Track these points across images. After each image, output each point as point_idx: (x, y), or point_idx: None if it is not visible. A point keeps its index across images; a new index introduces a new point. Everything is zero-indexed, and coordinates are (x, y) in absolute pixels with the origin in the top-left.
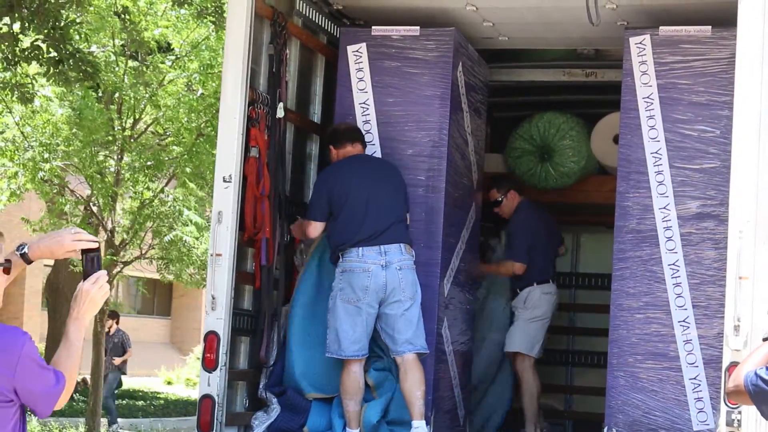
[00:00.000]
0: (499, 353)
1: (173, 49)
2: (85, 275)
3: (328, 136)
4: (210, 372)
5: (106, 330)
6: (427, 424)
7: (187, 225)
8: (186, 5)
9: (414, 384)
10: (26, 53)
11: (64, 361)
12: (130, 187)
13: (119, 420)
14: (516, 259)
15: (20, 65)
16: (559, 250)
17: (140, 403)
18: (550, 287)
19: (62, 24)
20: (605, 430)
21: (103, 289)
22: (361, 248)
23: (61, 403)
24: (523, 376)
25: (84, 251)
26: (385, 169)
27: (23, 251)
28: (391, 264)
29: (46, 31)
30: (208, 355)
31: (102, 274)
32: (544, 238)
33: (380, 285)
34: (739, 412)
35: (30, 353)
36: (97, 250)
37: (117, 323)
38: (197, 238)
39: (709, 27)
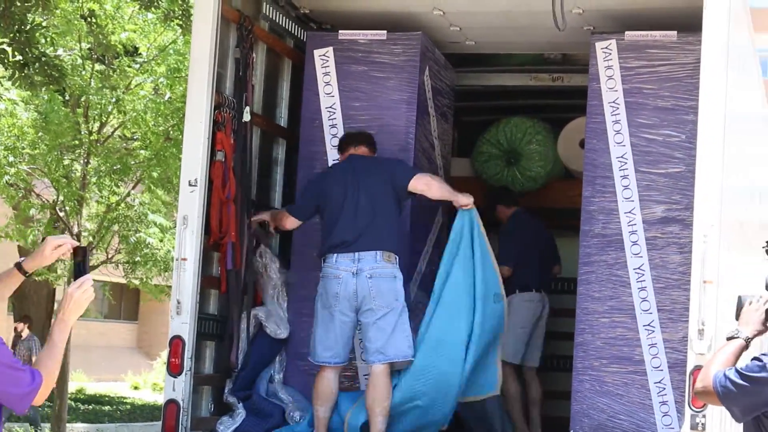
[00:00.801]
0: None
1: (140, 52)
2: (75, 277)
3: (337, 145)
4: (175, 377)
5: (18, 332)
6: None
7: (150, 227)
8: (153, 9)
9: (375, 400)
10: None
11: (45, 360)
12: (96, 192)
13: (85, 425)
14: (502, 263)
15: None
16: (554, 270)
17: (106, 408)
18: (532, 296)
19: (28, 27)
20: None
21: (87, 292)
22: (336, 255)
23: (39, 399)
24: (505, 385)
25: (73, 254)
26: (371, 170)
27: (19, 262)
28: (362, 272)
29: (11, 34)
30: (173, 359)
31: (87, 279)
32: (531, 249)
33: (351, 293)
34: (704, 416)
35: (1, 358)
36: (84, 254)
37: (30, 327)
38: (161, 240)
39: (675, 32)
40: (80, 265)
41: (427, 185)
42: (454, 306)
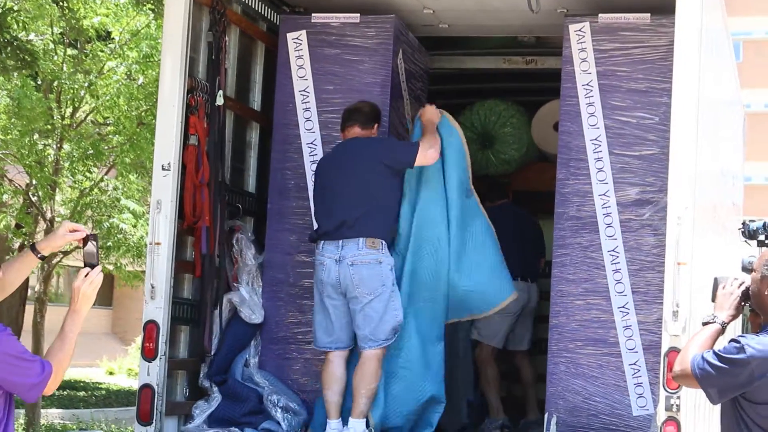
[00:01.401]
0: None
1: (113, 37)
2: (84, 264)
3: None
4: (149, 361)
5: None
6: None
7: (123, 212)
8: None
9: (360, 381)
10: None
11: (56, 351)
12: (70, 177)
13: (60, 410)
14: None
15: None
16: (539, 262)
17: (81, 393)
18: (515, 284)
19: None
20: (546, 416)
21: (93, 283)
22: (323, 242)
23: (50, 389)
24: (481, 366)
25: (83, 241)
26: (362, 154)
27: (33, 244)
28: (344, 259)
29: None
30: (148, 344)
31: (91, 270)
32: (512, 240)
33: (334, 280)
34: (678, 397)
35: (8, 349)
36: (93, 241)
37: None
38: (134, 225)
39: (648, 14)
40: (89, 251)
41: (432, 158)
42: (428, 202)
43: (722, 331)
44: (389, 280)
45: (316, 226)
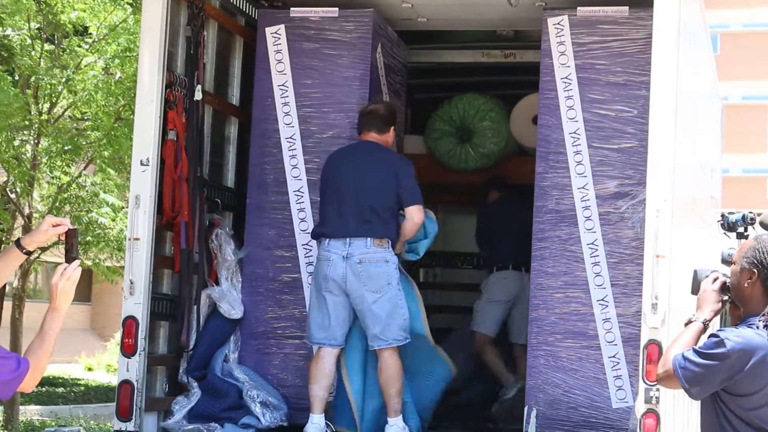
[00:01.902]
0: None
1: (90, 32)
2: (66, 258)
3: None
4: (129, 357)
5: None
6: None
7: (102, 207)
8: None
9: (387, 381)
10: None
11: (35, 349)
12: (48, 172)
13: (38, 407)
14: (478, 245)
15: None
16: None
17: (60, 389)
18: (507, 273)
19: None
20: (526, 409)
21: (71, 279)
22: (329, 238)
23: (27, 386)
24: (479, 354)
25: (66, 236)
26: (371, 158)
27: (18, 240)
28: (352, 256)
29: None
30: (127, 340)
31: (68, 266)
32: (506, 231)
33: (340, 276)
34: (657, 389)
35: None
36: (74, 236)
37: None
38: (113, 219)
39: (626, 7)
40: (70, 246)
41: (411, 223)
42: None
43: (704, 329)
44: (395, 278)
45: (319, 221)
